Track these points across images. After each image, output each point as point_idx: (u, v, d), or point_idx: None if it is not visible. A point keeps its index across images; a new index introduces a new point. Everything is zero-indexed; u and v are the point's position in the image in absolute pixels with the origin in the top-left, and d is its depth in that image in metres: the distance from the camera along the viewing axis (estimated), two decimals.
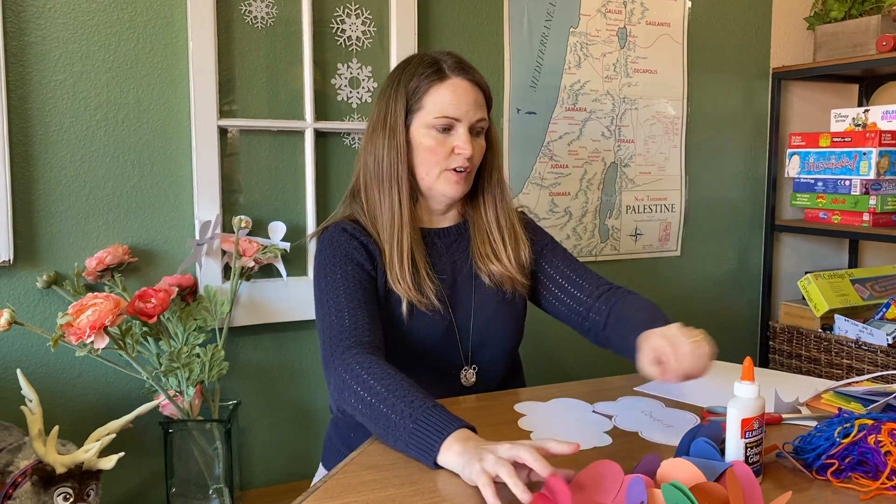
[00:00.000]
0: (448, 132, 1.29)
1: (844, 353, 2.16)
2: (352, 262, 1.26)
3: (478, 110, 1.30)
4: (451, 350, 1.32)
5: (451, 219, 1.39)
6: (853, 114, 2.25)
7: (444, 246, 1.36)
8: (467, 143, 1.27)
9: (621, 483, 0.84)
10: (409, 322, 1.27)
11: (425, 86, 1.29)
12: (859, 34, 2.25)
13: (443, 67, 1.30)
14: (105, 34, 1.58)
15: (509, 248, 1.35)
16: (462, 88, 1.29)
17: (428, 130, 1.29)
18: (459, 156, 1.28)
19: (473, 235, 1.36)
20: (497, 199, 1.37)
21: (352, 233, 1.30)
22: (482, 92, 1.33)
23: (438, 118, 1.28)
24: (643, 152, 2.21)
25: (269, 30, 1.71)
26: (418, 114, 1.29)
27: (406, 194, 1.29)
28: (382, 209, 1.30)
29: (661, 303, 2.35)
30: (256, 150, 1.73)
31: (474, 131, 1.31)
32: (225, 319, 1.63)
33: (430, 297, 1.27)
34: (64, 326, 1.35)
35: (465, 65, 1.32)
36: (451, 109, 1.28)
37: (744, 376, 0.93)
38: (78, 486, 1.27)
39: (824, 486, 0.93)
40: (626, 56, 2.16)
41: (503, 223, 1.37)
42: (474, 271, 1.35)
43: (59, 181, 1.56)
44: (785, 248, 2.52)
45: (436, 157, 1.28)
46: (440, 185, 1.30)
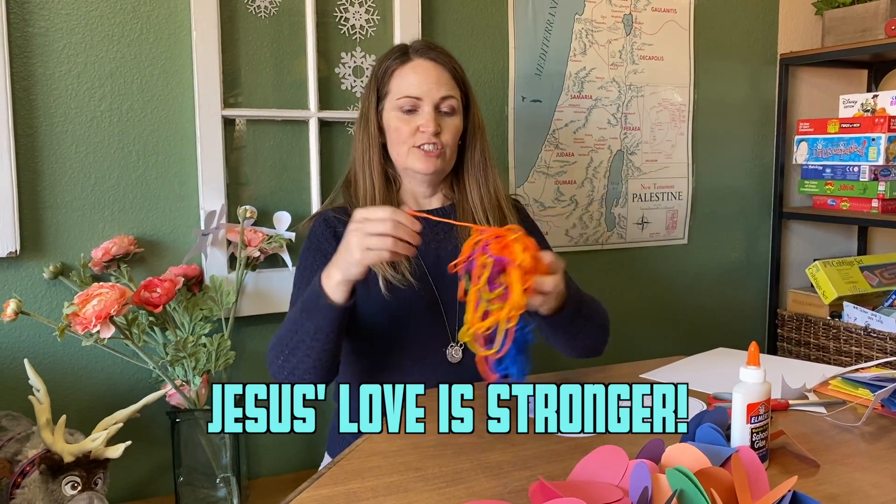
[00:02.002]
0: (413, 112, 1.33)
1: (853, 340, 2.14)
2: (319, 253, 1.32)
3: (441, 88, 1.33)
4: (435, 327, 1.34)
5: (438, 200, 1.43)
6: (862, 99, 2.22)
7: (429, 226, 1.36)
8: (429, 121, 1.31)
9: (625, 468, 0.84)
10: (389, 298, 1.29)
11: (391, 70, 1.35)
12: (868, 19, 2.23)
13: (408, 51, 1.36)
14: (108, 24, 1.57)
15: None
16: (423, 67, 1.33)
17: (395, 112, 1.34)
18: (424, 133, 1.32)
19: (459, 216, 1.39)
20: (481, 180, 1.40)
21: (329, 221, 1.36)
22: (447, 69, 1.35)
23: (401, 99, 1.33)
24: (649, 140, 2.20)
25: (273, 19, 1.71)
26: (387, 99, 1.36)
27: (379, 178, 1.36)
28: (358, 195, 1.36)
29: (668, 291, 2.35)
30: (261, 140, 1.73)
31: (441, 110, 1.34)
32: (231, 309, 1.63)
33: (405, 273, 1.29)
34: (70, 316, 1.36)
35: (431, 45, 1.36)
36: (413, 89, 1.32)
37: (749, 361, 0.93)
38: (86, 475, 1.27)
39: (830, 471, 0.93)
40: (632, 43, 2.14)
41: (487, 204, 1.39)
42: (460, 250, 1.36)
43: (64, 172, 1.56)
44: (793, 235, 2.50)
45: (402, 135, 1.33)
46: (411, 162, 1.34)
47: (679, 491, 0.76)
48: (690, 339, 2.31)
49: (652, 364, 1.40)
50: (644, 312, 2.25)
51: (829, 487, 0.88)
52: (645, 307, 2.25)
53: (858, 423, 1.08)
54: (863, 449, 1.00)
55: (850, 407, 1.15)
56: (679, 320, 2.32)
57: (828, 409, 1.15)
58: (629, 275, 2.22)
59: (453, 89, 1.35)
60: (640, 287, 2.24)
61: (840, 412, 1.13)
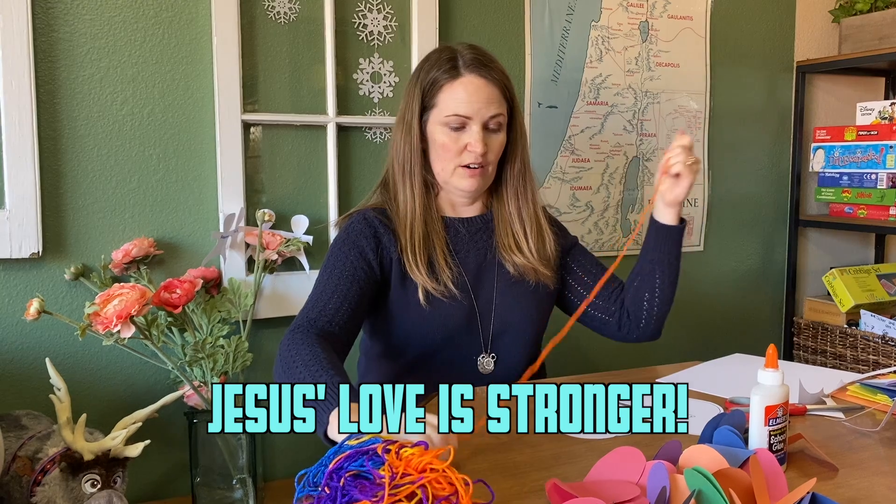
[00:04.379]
0: (461, 130, 1.31)
1: (871, 348, 2.13)
2: (355, 247, 1.30)
3: (491, 107, 1.30)
4: (471, 336, 1.33)
5: (476, 209, 1.41)
6: (879, 107, 2.22)
7: (469, 234, 1.37)
8: (479, 142, 1.29)
9: (643, 469, 0.84)
10: (427, 308, 1.28)
11: (439, 83, 1.31)
12: (885, 26, 2.22)
13: (458, 64, 1.31)
14: (131, 30, 1.60)
15: (531, 241, 1.36)
16: (474, 86, 1.30)
17: (442, 128, 1.31)
18: (471, 153, 1.30)
19: (497, 226, 1.37)
20: (520, 192, 1.38)
21: (370, 221, 1.34)
22: (498, 87, 1.32)
23: (450, 116, 1.30)
24: (665, 146, 2.20)
25: (292, 25, 1.73)
26: (433, 111, 1.32)
27: (420, 187, 1.34)
28: (398, 200, 1.34)
29: (684, 298, 2.34)
30: (279, 145, 1.75)
31: (489, 127, 1.31)
32: (249, 311, 1.65)
33: (447, 283, 1.28)
34: (91, 316, 1.37)
35: (482, 60, 1.32)
36: (463, 108, 1.29)
37: (767, 364, 0.93)
38: (105, 473, 1.28)
39: (849, 474, 0.92)
40: (648, 50, 2.15)
41: (525, 216, 1.38)
42: (498, 259, 1.36)
43: (86, 175, 1.59)
44: (809, 243, 2.49)
45: (449, 153, 1.31)
46: (455, 181, 1.33)
47: (697, 491, 0.76)
48: (706, 346, 2.31)
49: (668, 369, 1.40)
50: None
51: (848, 491, 0.88)
52: None
53: (877, 428, 1.08)
54: (881, 454, 1.00)
55: (868, 412, 1.15)
56: (694, 327, 2.31)
57: (846, 414, 1.14)
58: None
59: (501, 106, 1.32)
60: None
61: (858, 417, 1.13)
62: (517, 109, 1.38)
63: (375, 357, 1.43)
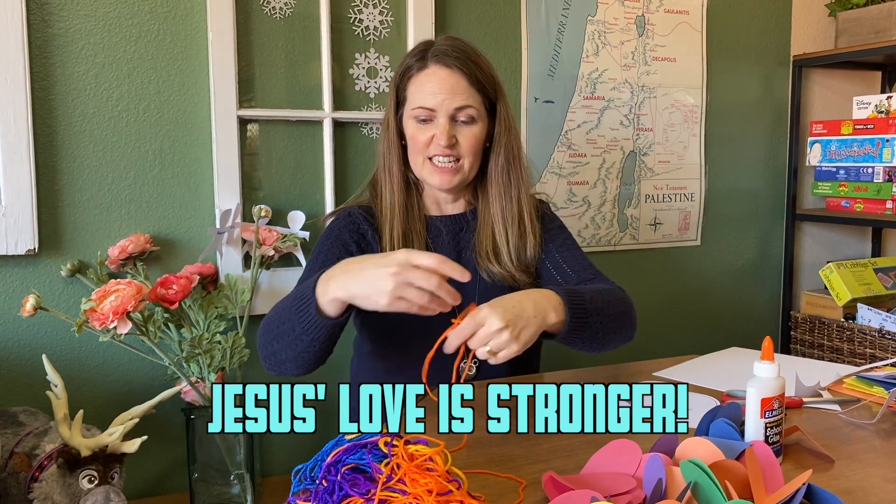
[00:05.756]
0: (428, 122, 1.29)
1: (867, 342, 2.13)
2: (338, 242, 1.31)
3: (456, 98, 1.27)
4: None
5: (460, 206, 1.40)
6: (876, 101, 2.22)
7: (450, 234, 1.36)
8: (443, 133, 1.26)
9: (639, 461, 0.84)
10: None
11: (408, 76, 1.31)
12: (882, 20, 2.22)
13: (426, 56, 1.29)
14: (126, 25, 1.59)
15: (511, 245, 1.33)
16: (437, 77, 1.27)
17: (412, 121, 1.31)
18: (437, 145, 1.28)
19: (479, 226, 1.36)
20: (503, 191, 1.34)
21: (354, 217, 1.34)
22: (465, 77, 1.28)
23: (416, 109, 1.29)
24: (662, 141, 2.20)
25: (288, 20, 1.73)
26: (405, 105, 1.32)
27: (399, 184, 1.33)
28: (379, 198, 1.35)
29: (680, 292, 2.35)
30: (276, 141, 1.74)
31: (458, 119, 1.29)
32: (245, 307, 1.65)
33: None
34: (88, 312, 1.37)
35: (449, 51, 1.28)
36: (427, 99, 1.27)
37: (763, 356, 0.93)
38: (102, 469, 1.28)
39: (845, 466, 0.93)
40: (645, 44, 2.14)
41: (507, 216, 1.34)
42: (476, 262, 1.34)
43: (82, 171, 1.58)
44: (806, 237, 2.49)
45: (418, 146, 1.30)
46: (426, 175, 1.32)
47: (693, 483, 0.76)
48: (703, 340, 2.31)
49: (665, 363, 1.40)
50: (657, 313, 2.25)
51: (844, 482, 0.88)
52: (657, 308, 2.25)
53: (873, 420, 1.08)
54: (877, 446, 1.00)
55: (864, 405, 1.15)
56: (691, 322, 2.31)
57: (842, 406, 1.15)
58: (642, 276, 2.22)
59: (471, 97, 1.28)
60: (652, 288, 2.24)
61: (854, 410, 1.13)
62: (502, 102, 1.34)
63: (366, 355, 1.43)
